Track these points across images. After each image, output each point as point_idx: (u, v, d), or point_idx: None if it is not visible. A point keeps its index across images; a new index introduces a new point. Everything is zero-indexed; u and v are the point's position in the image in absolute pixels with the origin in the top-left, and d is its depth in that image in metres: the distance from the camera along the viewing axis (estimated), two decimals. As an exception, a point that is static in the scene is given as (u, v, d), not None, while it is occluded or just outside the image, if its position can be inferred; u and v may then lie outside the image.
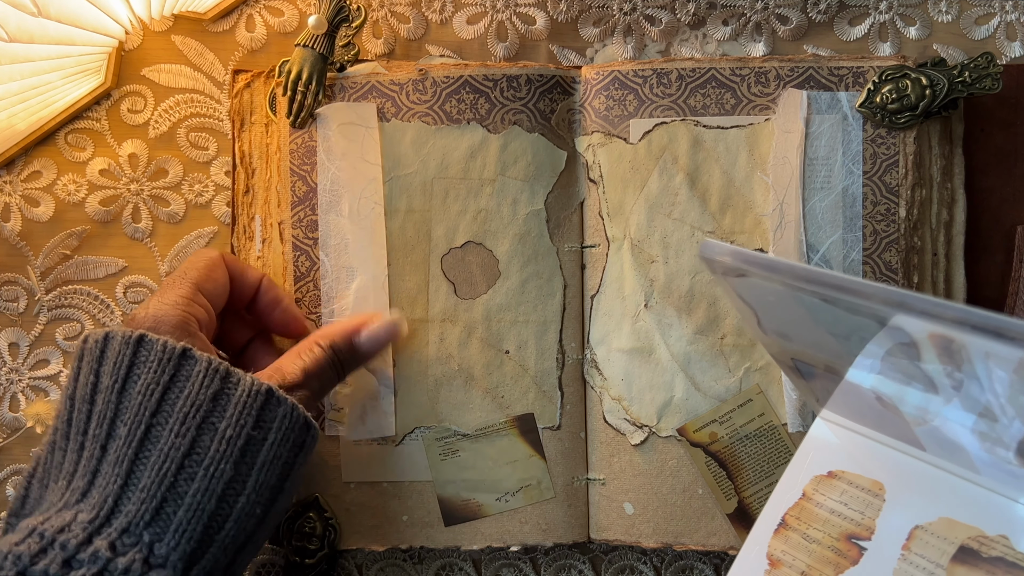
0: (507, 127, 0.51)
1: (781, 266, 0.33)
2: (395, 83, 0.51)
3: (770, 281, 0.34)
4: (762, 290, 0.36)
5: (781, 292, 0.34)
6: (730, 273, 0.36)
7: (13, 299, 0.55)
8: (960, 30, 0.53)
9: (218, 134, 0.55)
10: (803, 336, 0.38)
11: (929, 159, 0.50)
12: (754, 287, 0.36)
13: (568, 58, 0.54)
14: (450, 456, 0.51)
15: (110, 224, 0.55)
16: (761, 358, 0.50)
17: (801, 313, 0.35)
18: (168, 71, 0.54)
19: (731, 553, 0.50)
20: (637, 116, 0.51)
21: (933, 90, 0.49)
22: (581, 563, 0.54)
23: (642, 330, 0.50)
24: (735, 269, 0.35)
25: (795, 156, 0.50)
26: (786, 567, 0.40)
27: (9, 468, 0.55)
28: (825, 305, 0.33)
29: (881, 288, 0.30)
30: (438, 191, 0.51)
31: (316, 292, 0.51)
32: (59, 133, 0.54)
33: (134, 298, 0.55)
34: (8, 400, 0.55)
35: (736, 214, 0.50)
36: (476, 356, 0.51)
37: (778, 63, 0.50)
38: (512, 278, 0.51)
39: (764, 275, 0.34)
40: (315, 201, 0.51)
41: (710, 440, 0.50)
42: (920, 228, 0.50)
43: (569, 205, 0.51)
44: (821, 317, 0.34)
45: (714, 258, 0.35)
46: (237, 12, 0.54)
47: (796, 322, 0.37)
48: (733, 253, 0.35)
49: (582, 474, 0.51)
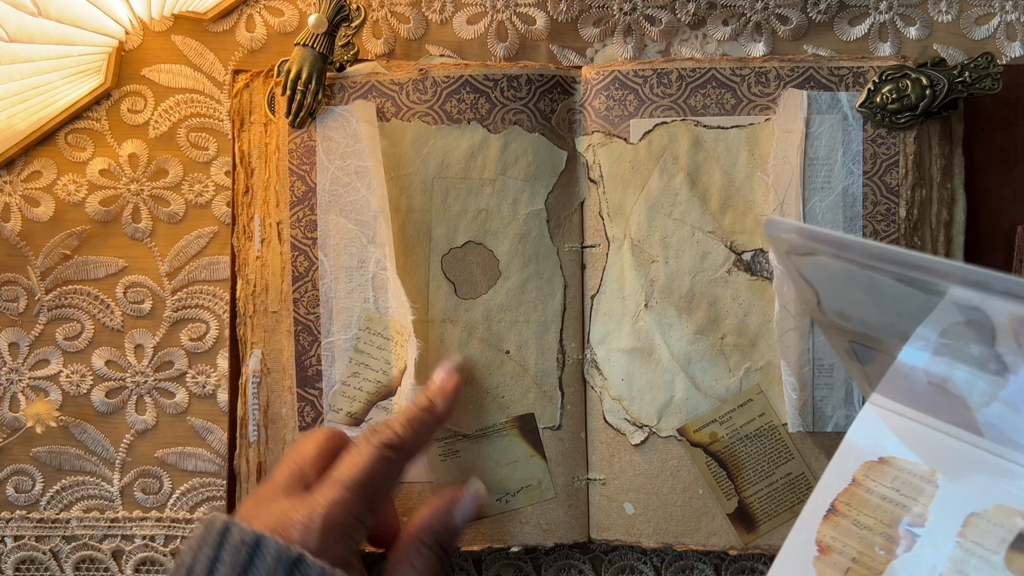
0: (507, 127, 0.51)
1: (855, 244, 0.32)
2: (395, 83, 0.51)
3: (840, 259, 0.32)
4: (829, 269, 0.34)
5: (850, 271, 0.33)
6: (795, 251, 0.34)
7: (13, 299, 0.55)
8: (960, 30, 0.53)
9: (218, 134, 0.55)
10: (868, 317, 0.36)
11: (929, 159, 0.50)
12: (820, 266, 0.34)
13: (568, 58, 0.54)
14: (450, 456, 0.51)
15: (110, 224, 0.55)
16: (761, 358, 0.50)
17: (869, 293, 0.34)
18: (168, 71, 0.54)
19: (731, 553, 0.50)
20: (637, 116, 0.50)
21: (933, 90, 0.49)
22: (582, 563, 0.54)
23: (642, 330, 0.50)
24: (802, 247, 0.34)
25: (795, 156, 0.50)
26: (836, 553, 0.39)
27: (9, 468, 0.55)
28: (898, 285, 0.32)
29: (961, 267, 0.29)
30: (438, 191, 0.51)
31: (315, 292, 0.51)
32: (59, 133, 0.54)
33: (134, 298, 0.55)
34: (8, 400, 0.55)
35: (736, 214, 0.50)
36: (476, 356, 0.51)
37: (778, 63, 0.50)
38: (512, 278, 0.51)
39: (834, 253, 0.32)
40: (314, 201, 0.51)
41: (710, 440, 0.50)
42: (920, 228, 0.50)
43: (569, 205, 0.51)
44: (891, 297, 0.33)
45: (779, 235, 0.34)
46: (237, 12, 0.54)
47: (862, 302, 0.35)
48: (800, 230, 0.33)
49: (582, 474, 0.51)
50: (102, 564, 0.55)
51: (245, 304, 0.52)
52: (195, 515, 0.55)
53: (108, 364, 0.55)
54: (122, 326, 0.55)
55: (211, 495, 0.55)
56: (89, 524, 0.55)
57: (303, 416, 0.51)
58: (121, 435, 0.55)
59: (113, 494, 0.55)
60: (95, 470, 0.55)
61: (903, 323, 0.35)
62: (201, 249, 0.55)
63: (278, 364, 0.51)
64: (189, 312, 0.55)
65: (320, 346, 0.51)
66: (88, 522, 0.55)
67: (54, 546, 0.55)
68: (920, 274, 0.30)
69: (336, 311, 0.51)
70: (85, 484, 0.55)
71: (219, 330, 0.55)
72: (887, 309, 0.35)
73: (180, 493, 0.55)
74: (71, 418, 0.55)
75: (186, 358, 0.55)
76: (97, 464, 0.55)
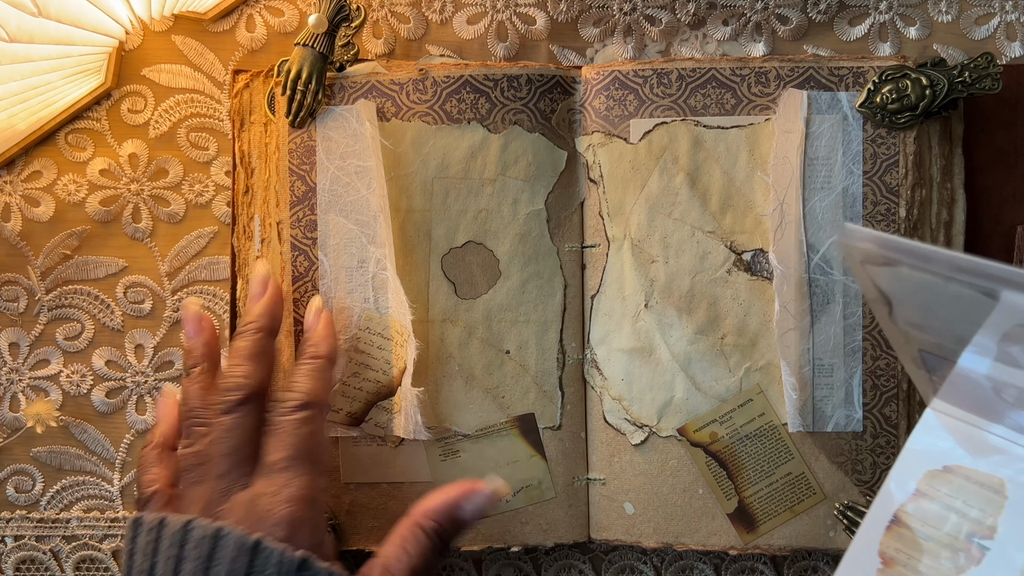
0: (507, 127, 0.51)
1: (939, 256, 0.30)
2: (395, 83, 0.51)
3: (923, 272, 0.31)
4: (908, 280, 0.33)
5: (932, 283, 0.31)
6: (871, 261, 0.33)
7: (13, 299, 0.55)
8: (960, 30, 0.53)
9: (218, 134, 0.55)
10: (945, 327, 0.35)
11: (929, 159, 0.50)
12: (899, 277, 0.33)
13: (568, 58, 0.54)
14: (450, 457, 0.51)
15: (110, 224, 0.55)
16: (761, 358, 0.50)
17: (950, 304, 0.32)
18: (168, 71, 0.54)
19: (731, 553, 0.50)
20: (637, 116, 0.51)
21: (933, 90, 0.49)
22: (582, 563, 0.54)
23: (642, 330, 0.50)
24: (879, 257, 0.32)
25: (795, 156, 0.50)
26: (900, 566, 0.38)
27: (9, 468, 0.55)
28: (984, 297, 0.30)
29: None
30: (438, 191, 0.51)
31: (314, 292, 0.51)
32: (59, 133, 0.54)
33: (134, 298, 0.55)
34: (8, 400, 0.55)
35: (737, 214, 0.50)
36: (476, 356, 0.51)
37: (778, 63, 0.50)
38: (512, 278, 0.51)
39: (917, 264, 0.31)
40: (314, 201, 0.51)
41: (710, 440, 0.50)
42: (920, 228, 0.50)
43: (569, 205, 0.51)
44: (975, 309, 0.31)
45: (855, 244, 0.32)
46: (237, 12, 0.54)
47: (941, 313, 0.34)
48: (880, 241, 0.32)
49: (582, 474, 0.51)
50: (102, 564, 0.55)
51: (245, 304, 0.52)
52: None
53: (108, 364, 0.55)
54: (122, 326, 0.55)
55: (211, 495, 0.55)
56: (89, 524, 0.55)
57: (303, 416, 0.51)
58: (121, 435, 0.55)
59: (113, 494, 0.55)
60: (95, 470, 0.55)
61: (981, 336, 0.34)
62: (201, 249, 0.55)
63: (278, 364, 0.51)
64: (189, 312, 0.55)
65: (320, 346, 0.51)
66: (88, 522, 0.55)
67: (54, 546, 0.55)
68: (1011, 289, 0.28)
69: (336, 311, 0.51)
70: (85, 484, 0.55)
71: (219, 330, 0.55)
72: (968, 320, 0.33)
73: (180, 493, 0.55)
74: (71, 418, 0.55)
75: (186, 358, 0.55)
76: (97, 464, 0.55)
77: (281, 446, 0.43)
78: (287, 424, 0.44)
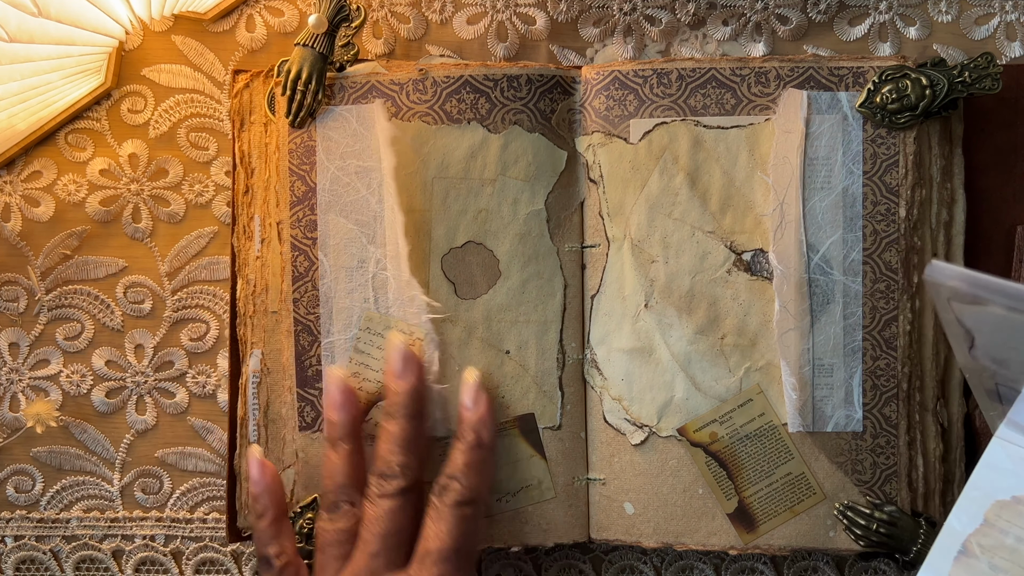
0: (507, 127, 0.51)
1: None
2: (395, 83, 0.51)
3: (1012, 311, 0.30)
4: (997, 319, 0.31)
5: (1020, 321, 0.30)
6: (959, 299, 0.32)
7: (13, 299, 0.55)
8: (960, 30, 0.53)
9: (218, 134, 0.55)
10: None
11: (929, 159, 0.50)
12: (987, 315, 0.32)
13: (568, 58, 0.54)
14: (450, 456, 0.51)
15: (110, 224, 0.55)
16: (761, 358, 0.50)
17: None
18: (168, 71, 0.54)
19: (731, 553, 0.50)
20: (637, 116, 0.51)
21: (933, 90, 0.49)
22: (582, 563, 0.54)
23: (642, 330, 0.50)
24: (968, 295, 0.31)
25: (795, 156, 0.50)
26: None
27: (9, 468, 0.55)
28: None
29: None
30: (438, 191, 0.51)
31: (314, 292, 0.51)
32: (59, 133, 0.54)
33: (134, 298, 0.55)
34: (8, 400, 0.55)
35: (736, 214, 0.50)
36: (476, 356, 0.51)
37: (778, 63, 0.50)
38: (512, 278, 0.51)
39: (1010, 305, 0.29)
40: (314, 201, 0.51)
41: (710, 440, 0.50)
42: (920, 228, 0.50)
43: (569, 205, 0.52)
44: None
45: (943, 282, 0.31)
46: (237, 12, 0.54)
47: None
48: (969, 280, 0.30)
49: (582, 474, 0.51)
50: (102, 564, 0.55)
51: (245, 304, 0.52)
52: (195, 515, 0.55)
53: (108, 364, 0.55)
54: (122, 326, 0.55)
55: (211, 495, 0.55)
56: (89, 524, 0.55)
57: (303, 416, 0.51)
58: (121, 435, 0.55)
59: (113, 494, 0.55)
60: (95, 470, 0.55)
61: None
62: (201, 249, 0.55)
63: (278, 364, 0.51)
64: (189, 312, 0.55)
65: (320, 346, 0.51)
66: (88, 522, 0.55)
67: (54, 546, 0.55)
68: None
69: (336, 311, 0.51)
70: (85, 484, 0.55)
71: (219, 330, 0.55)
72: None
73: (180, 493, 0.55)
74: (71, 418, 0.55)
75: (186, 358, 0.55)
76: (97, 464, 0.55)
77: (444, 536, 0.44)
78: (453, 517, 0.44)
